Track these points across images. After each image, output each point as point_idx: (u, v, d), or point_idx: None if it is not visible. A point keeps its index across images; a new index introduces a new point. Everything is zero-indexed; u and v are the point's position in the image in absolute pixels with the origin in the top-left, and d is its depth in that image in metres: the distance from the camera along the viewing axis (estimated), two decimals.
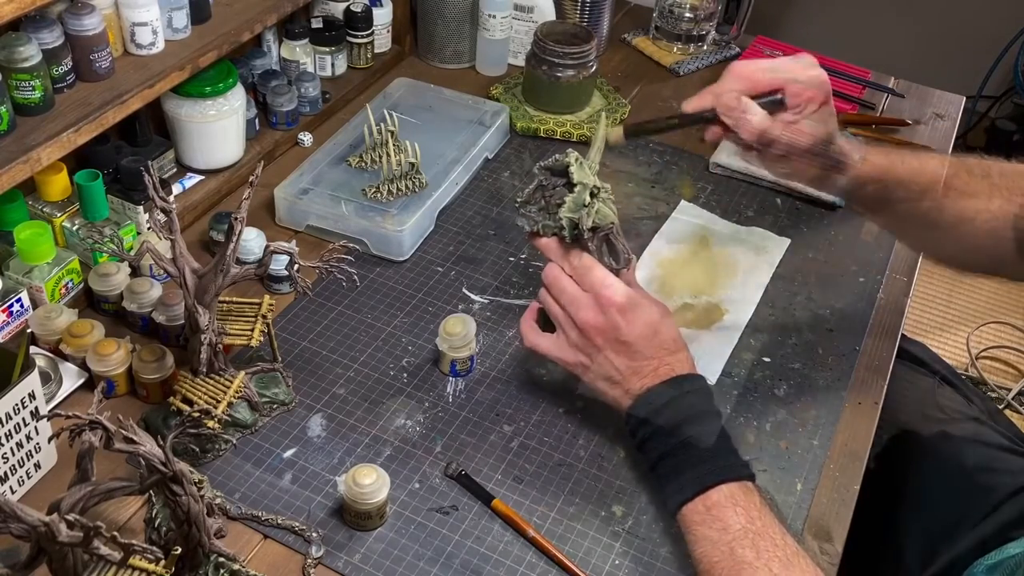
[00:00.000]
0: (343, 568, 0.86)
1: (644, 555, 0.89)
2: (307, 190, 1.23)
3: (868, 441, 1.02)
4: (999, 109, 2.78)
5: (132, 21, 1.11)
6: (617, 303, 0.88)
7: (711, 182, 1.38)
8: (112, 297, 1.06)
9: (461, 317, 1.03)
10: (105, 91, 1.07)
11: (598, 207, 0.89)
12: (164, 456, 0.70)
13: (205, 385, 0.94)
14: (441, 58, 1.59)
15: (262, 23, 1.26)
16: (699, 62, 1.66)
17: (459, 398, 1.03)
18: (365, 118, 1.29)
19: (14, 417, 0.84)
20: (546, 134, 1.43)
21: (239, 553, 0.84)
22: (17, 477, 0.87)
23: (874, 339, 1.14)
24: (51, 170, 1.07)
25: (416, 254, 1.21)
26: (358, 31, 1.49)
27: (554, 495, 0.94)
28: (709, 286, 1.18)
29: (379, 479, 0.87)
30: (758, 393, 1.06)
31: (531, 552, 0.88)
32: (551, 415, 1.02)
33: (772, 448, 1.00)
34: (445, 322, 1.02)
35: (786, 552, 0.78)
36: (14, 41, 0.98)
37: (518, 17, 1.57)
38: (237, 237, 0.90)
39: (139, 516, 0.88)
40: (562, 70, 1.43)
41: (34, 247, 1.01)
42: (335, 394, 1.02)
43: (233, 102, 1.24)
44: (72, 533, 0.65)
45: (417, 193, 1.25)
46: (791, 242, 1.27)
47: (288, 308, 1.12)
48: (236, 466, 0.94)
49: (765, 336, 1.13)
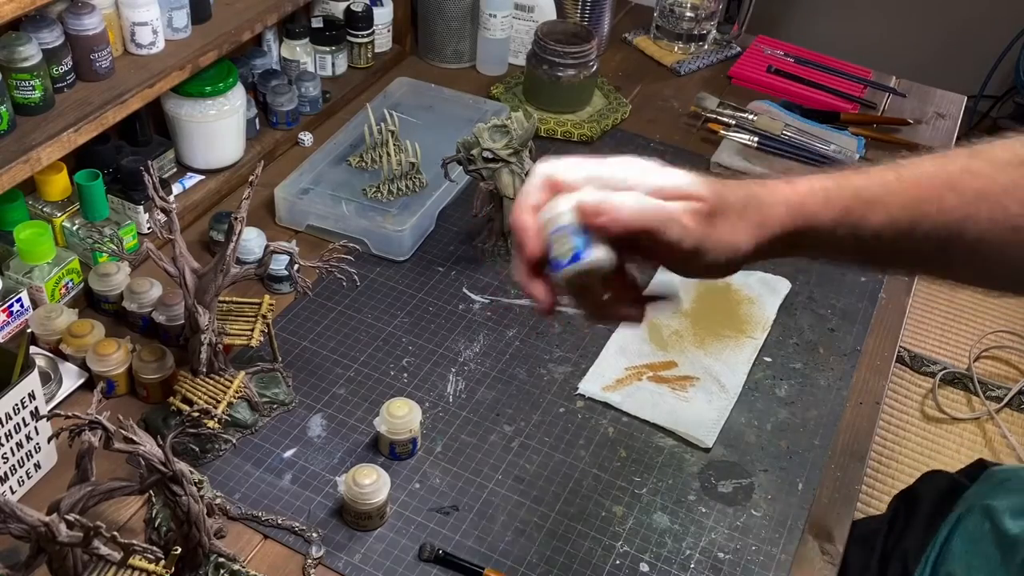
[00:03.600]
0: (343, 568, 0.86)
1: (644, 555, 0.89)
2: (307, 190, 1.23)
3: (869, 441, 1.02)
4: (1000, 109, 2.77)
5: (132, 21, 1.11)
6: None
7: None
8: (112, 297, 1.06)
9: (407, 402, 0.94)
10: (105, 91, 1.07)
11: (502, 173, 1.12)
12: (164, 456, 0.70)
13: (205, 385, 0.94)
14: (441, 58, 1.59)
15: (262, 23, 1.26)
16: (700, 61, 1.66)
17: (459, 398, 1.03)
18: (365, 118, 1.29)
19: (14, 417, 0.84)
20: (547, 134, 1.43)
21: (239, 553, 0.84)
22: (17, 477, 0.87)
23: (875, 339, 1.14)
24: (51, 170, 1.06)
25: (416, 254, 1.21)
26: (358, 31, 1.49)
27: (554, 495, 0.94)
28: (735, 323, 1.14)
29: (379, 479, 0.87)
30: (759, 393, 1.06)
31: (531, 553, 0.88)
32: (551, 415, 1.02)
33: (773, 448, 1.00)
34: (389, 403, 0.94)
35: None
36: (14, 41, 0.98)
37: (519, 17, 1.56)
38: (237, 237, 0.90)
39: (139, 516, 0.88)
40: (563, 70, 1.42)
41: (34, 247, 1.01)
42: (335, 394, 1.02)
43: (233, 102, 1.24)
44: (72, 533, 0.65)
45: (417, 193, 1.25)
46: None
47: (288, 308, 1.11)
48: (236, 466, 0.94)
49: (766, 335, 1.13)
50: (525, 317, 1.12)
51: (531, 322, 1.12)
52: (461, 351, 1.08)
